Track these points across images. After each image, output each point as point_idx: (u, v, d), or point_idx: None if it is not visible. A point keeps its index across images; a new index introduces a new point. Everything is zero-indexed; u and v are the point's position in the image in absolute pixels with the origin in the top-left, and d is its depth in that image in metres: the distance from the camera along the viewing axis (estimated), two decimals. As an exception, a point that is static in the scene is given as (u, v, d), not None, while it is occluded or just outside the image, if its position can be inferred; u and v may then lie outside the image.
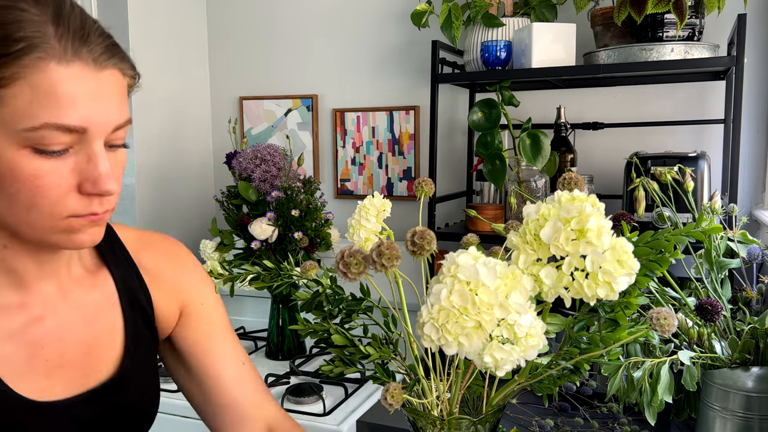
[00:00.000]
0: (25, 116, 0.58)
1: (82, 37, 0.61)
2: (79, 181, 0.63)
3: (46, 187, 0.61)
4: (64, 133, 0.60)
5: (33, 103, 0.58)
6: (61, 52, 0.59)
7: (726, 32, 1.66)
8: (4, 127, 0.59)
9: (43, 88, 0.58)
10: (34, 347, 0.71)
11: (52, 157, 0.61)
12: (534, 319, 0.59)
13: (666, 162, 1.45)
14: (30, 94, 0.58)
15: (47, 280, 0.73)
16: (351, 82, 2.14)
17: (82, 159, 0.62)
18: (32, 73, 0.58)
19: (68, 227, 0.64)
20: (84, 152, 0.62)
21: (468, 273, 0.57)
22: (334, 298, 0.74)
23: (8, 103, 0.58)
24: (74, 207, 0.63)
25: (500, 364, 0.58)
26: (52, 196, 0.62)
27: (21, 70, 0.58)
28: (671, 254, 0.68)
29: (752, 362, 1.00)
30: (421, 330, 0.59)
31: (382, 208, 0.78)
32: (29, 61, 0.58)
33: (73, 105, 0.60)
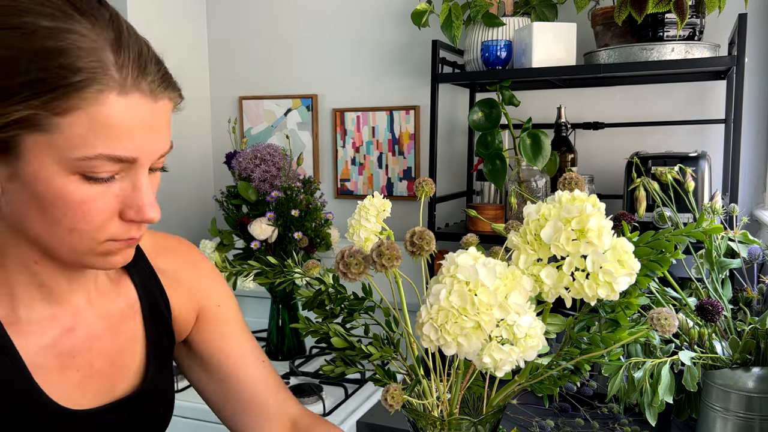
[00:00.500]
0: (82, 145, 0.58)
1: (141, 67, 0.61)
2: (122, 208, 0.64)
3: (92, 213, 0.62)
4: (115, 162, 0.61)
5: (90, 133, 0.58)
6: (120, 83, 0.59)
7: (727, 32, 1.65)
8: (57, 153, 0.58)
9: (100, 120, 0.58)
10: (66, 357, 0.72)
11: (100, 183, 0.61)
12: (533, 319, 0.59)
13: (666, 162, 1.45)
14: (87, 125, 0.58)
15: (77, 293, 0.74)
16: (351, 82, 2.14)
17: (127, 186, 0.63)
18: (91, 105, 0.58)
19: (105, 250, 0.65)
20: (129, 180, 0.63)
21: (467, 273, 0.57)
22: (336, 296, 0.74)
23: (63, 131, 0.57)
24: (115, 232, 0.64)
25: (499, 364, 0.58)
26: (96, 222, 0.62)
27: (80, 102, 0.57)
28: (672, 254, 0.68)
29: (753, 362, 1.00)
30: (420, 330, 0.59)
31: (382, 208, 0.78)
32: (89, 94, 0.57)
33: (129, 137, 0.60)
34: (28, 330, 0.70)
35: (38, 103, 0.56)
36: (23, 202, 0.61)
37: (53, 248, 0.65)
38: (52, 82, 0.56)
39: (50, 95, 0.56)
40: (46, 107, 0.56)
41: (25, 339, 0.69)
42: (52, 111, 0.56)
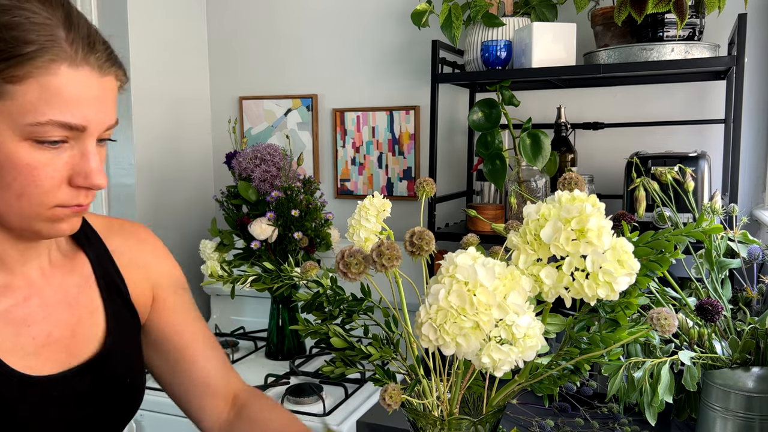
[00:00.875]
0: (32, 111, 0.63)
1: (90, 44, 0.66)
2: (71, 175, 0.68)
3: (41, 177, 0.66)
4: (65, 129, 0.65)
5: (41, 101, 0.63)
6: (71, 56, 0.64)
7: (726, 32, 1.65)
8: (10, 119, 0.63)
9: (52, 88, 0.64)
10: (21, 326, 0.74)
11: (50, 148, 0.65)
12: (532, 319, 0.59)
13: (666, 162, 1.45)
14: (39, 92, 0.63)
15: (30, 265, 0.76)
16: (351, 82, 2.14)
17: (76, 154, 0.67)
18: (43, 74, 0.63)
19: (53, 216, 0.68)
20: (78, 148, 0.68)
21: (466, 273, 0.57)
22: (334, 298, 0.74)
23: (17, 98, 0.63)
24: (63, 198, 0.68)
25: (498, 364, 0.58)
26: (44, 186, 0.66)
27: (33, 70, 0.63)
28: (671, 254, 0.68)
29: (753, 362, 1.00)
30: (419, 330, 0.59)
31: (382, 208, 0.78)
32: (42, 63, 0.63)
33: (78, 106, 0.65)
34: None
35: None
36: None
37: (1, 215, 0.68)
38: (7, 52, 0.62)
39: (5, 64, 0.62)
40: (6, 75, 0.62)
41: None
42: (6, 79, 0.62)
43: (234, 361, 1.83)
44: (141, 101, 2.04)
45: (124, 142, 2.06)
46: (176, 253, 2.34)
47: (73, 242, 0.83)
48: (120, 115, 2.24)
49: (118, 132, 2.07)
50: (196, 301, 0.99)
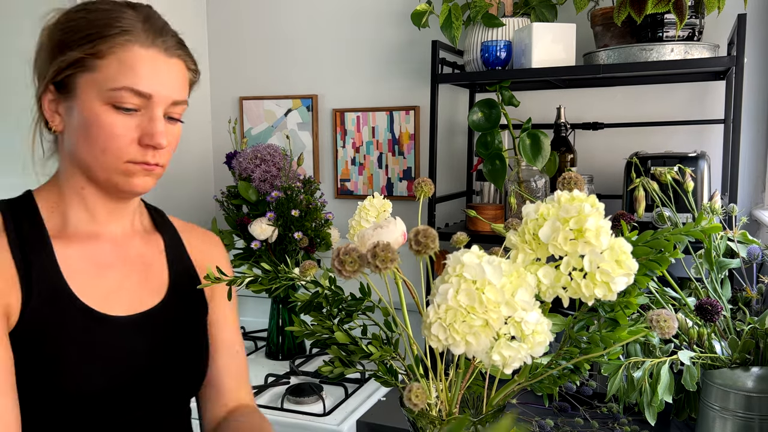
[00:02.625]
0: (112, 80, 0.81)
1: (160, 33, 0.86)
2: (140, 135, 0.84)
3: (117, 135, 0.82)
4: (135, 95, 0.82)
5: (119, 73, 0.82)
6: (143, 39, 0.83)
7: (726, 32, 1.65)
8: (96, 87, 0.82)
9: (127, 62, 0.82)
10: (102, 268, 0.89)
11: (125, 113, 0.83)
12: (540, 315, 0.59)
13: (666, 162, 1.45)
14: (117, 66, 0.82)
15: (115, 225, 0.91)
16: (351, 82, 2.14)
17: (145, 119, 0.84)
18: (121, 50, 0.82)
19: (126, 170, 0.84)
20: (147, 115, 0.84)
21: (474, 272, 0.57)
22: (333, 298, 0.74)
23: (101, 70, 0.82)
24: (134, 155, 0.84)
25: (509, 361, 0.58)
26: (119, 143, 0.83)
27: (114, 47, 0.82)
28: (671, 254, 0.68)
29: (752, 362, 1.00)
30: (428, 330, 0.59)
31: (382, 208, 0.78)
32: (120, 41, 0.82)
33: (146, 77, 0.83)
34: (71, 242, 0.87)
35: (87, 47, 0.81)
36: (75, 131, 0.84)
37: (91, 168, 0.85)
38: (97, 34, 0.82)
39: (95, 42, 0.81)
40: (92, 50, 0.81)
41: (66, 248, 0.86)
42: (95, 54, 0.81)
43: (234, 361, 1.83)
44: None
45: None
46: (176, 253, 2.32)
47: (152, 224, 0.99)
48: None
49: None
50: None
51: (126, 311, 0.89)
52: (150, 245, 0.96)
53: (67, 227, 0.88)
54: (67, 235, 0.87)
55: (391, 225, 0.70)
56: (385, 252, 0.60)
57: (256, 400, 1.56)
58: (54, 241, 0.85)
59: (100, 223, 0.90)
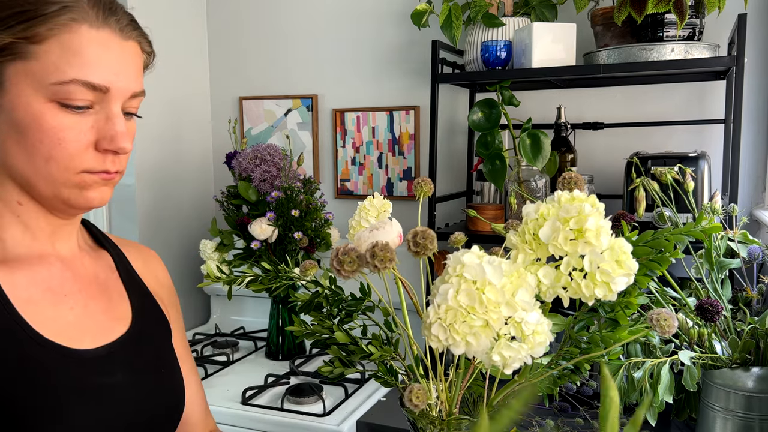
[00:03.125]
0: (55, 71, 0.64)
1: (111, 8, 0.68)
2: (97, 138, 0.68)
3: (66, 140, 0.66)
4: (88, 90, 0.66)
5: (62, 60, 0.64)
6: (92, 18, 0.66)
7: (726, 32, 1.65)
8: (34, 80, 0.65)
9: (73, 47, 0.65)
10: (59, 294, 0.73)
11: (75, 112, 0.66)
12: (540, 316, 0.59)
13: (666, 162, 1.45)
14: (60, 51, 0.65)
15: (60, 244, 0.75)
16: (351, 82, 2.14)
17: (102, 118, 0.68)
18: (64, 32, 0.65)
19: (81, 182, 0.68)
20: (103, 112, 0.68)
21: (474, 272, 0.57)
22: (333, 298, 0.74)
23: (40, 58, 0.64)
24: (89, 163, 0.68)
25: (509, 362, 0.58)
26: (70, 150, 0.66)
27: (54, 28, 0.64)
28: (671, 254, 0.68)
29: (752, 362, 1.00)
30: (428, 331, 0.59)
31: (382, 208, 0.78)
32: (63, 21, 0.64)
33: (100, 66, 0.66)
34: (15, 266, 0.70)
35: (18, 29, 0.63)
36: (5, 134, 0.66)
37: (32, 181, 0.68)
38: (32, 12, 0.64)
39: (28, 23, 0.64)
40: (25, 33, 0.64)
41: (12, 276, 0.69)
42: (30, 39, 0.64)
43: (234, 361, 1.83)
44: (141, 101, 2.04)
45: (124, 142, 2.05)
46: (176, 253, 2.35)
47: (94, 241, 0.84)
48: (120, 115, 2.21)
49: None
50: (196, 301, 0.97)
51: (95, 343, 0.74)
52: (100, 263, 0.81)
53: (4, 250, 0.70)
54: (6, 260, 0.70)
55: (387, 226, 0.70)
56: (383, 252, 0.60)
57: (256, 400, 1.57)
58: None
59: (42, 242, 0.73)
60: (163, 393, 0.81)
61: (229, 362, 1.82)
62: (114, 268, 0.83)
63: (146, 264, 0.89)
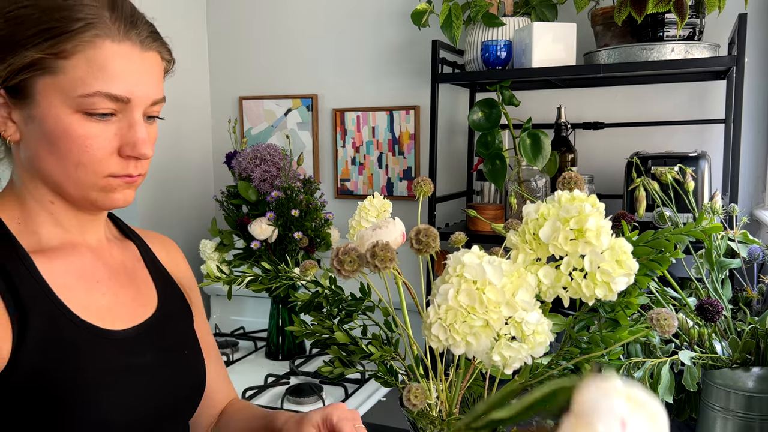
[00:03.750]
0: (81, 84, 0.70)
1: (132, 22, 0.73)
2: (120, 145, 0.74)
3: (93, 147, 0.72)
4: (111, 101, 0.71)
5: (88, 74, 0.70)
6: (114, 32, 0.71)
7: (726, 32, 1.65)
8: (62, 93, 0.70)
9: (98, 62, 0.70)
10: (90, 281, 0.79)
11: (100, 120, 0.72)
12: (540, 315, 0.59)
13: (666, 162, 1.45)
14: (86, 66, 0.70)
15: (88, 236, 0.82)
16: (351, 82, 2.14)
17: (124, 126, 0.73)
18: (89, 48, 0.70)
19: (107, 185, 0.75)
20: (126, 120, 0.74)
21: (474, 272, 0.57)
22: (333, 298, 0.74)
23: (67, 72, 0.70)
24: (114, 168, 0.74)
25: (509, 362, 0.58)
26: (97, 156, 0.72)
27: (80, 44, 0.69)
28: (671, 254, 0.68)
29: (753, 362, 1.00)
30: (428, 331, 0.59)
31: (382, 208, 0.78)
32: (87, 38, 0.69)
33: (122, 78, 0.72)
34: (52, 256, 0.77)
35: (46, 46, 0.68)
36: (37, 143, 0.73)
37: (63, 185, 0.74)
38: (58, 30, 0.69)
39: (57, 40, 0.69)
40: (53, 50, 0.69)
41: (50, 265, 0.76)
42: (57, 55, 0.69)
43: (234, 361, 1.83)
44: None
45: (124, 142, 2.05)
46: (176, 253, 2.32)
47: (119, 232, 0.91)
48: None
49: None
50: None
51: (125, 325, 0.80)
52: (127, 253, 0.88)
53: (41, 242, 0.77)
54: (43, 251, 0.76)
55: (390, 225, 0.70)
56: (384, 252, 0.60)
57: (256, 400, 1.56)
58: (33, 257, 0.74)
59: (73, 235, 0.80)
60: (187, 372, 0.87)
61: (229, 362, 1.82)
62: (140, 258, 0.90)
63: (168, 253, 0.96)
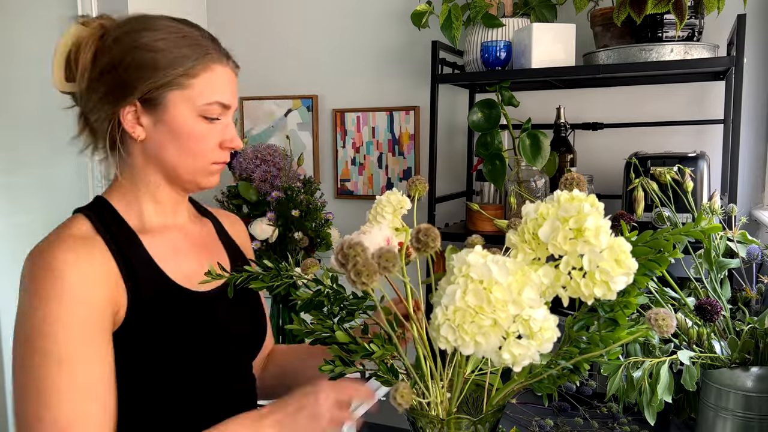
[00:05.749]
0: (204, 96, 0.94)
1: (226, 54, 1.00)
2: (221, 140, 0.97)
3: (206, 141, 0.95)
4: (221, 108, 0.96)
5: (207, 88, 0.94)
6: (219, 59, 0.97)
7: (725, 32, 1.66)
8: (189, 102, 0.93)
9: (213, 80, 0.95)
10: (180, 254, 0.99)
11: (210, 123, 0.95)
12: (547, 312, 0.59)
13: (665, 162, 1.45)
14: (205, 83, 0.94)
15: (178, 215, 1.03)
16: (351, 82, 2.15)
17: (224, 126, 0.97)
18: (207, 70, 0.94)
19: (210, 170, 0.97)
20: (224, 122, 0.97)
21: (480, 272, 0.57)
22: (335, 297, 0.74)
23: (194, 87, 0.93)
24: (216, 156, 0.97)
25: (519, 359, 0.58)
26: (209, 147, 0.96)
27: (202, 67, 0.94)
28: (670, 254, 0.68)
29: (752, 362, 1.00)
30: (436, 332, 0.59)
31: (399, 205, 0.76)
32: (207, 62, 0.94)
33: (226, 91, 0.97)
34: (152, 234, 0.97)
35: (180, 69, 0.92)
36: (163, 140, 0.94)
37: (178, 170, 0.96)
38: (188, 58, 0.93)
39: (187, 65, 0.92)
40: (185, 71, 0.92)
41: (152, 240, 0.96)
42: (188, 75, 0.92)
43: (234, 361, 1.83)
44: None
45: (124, 142, 2.06)
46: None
47: (197, 212, 1.11)
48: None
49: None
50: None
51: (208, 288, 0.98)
52: (205, 230, 1.08)
53: (144, 222, 0.97)
54: (146, 230, 0.96)
55: (374, 230, 0.70)
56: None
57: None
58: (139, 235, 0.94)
59: (167, 215, 1.00)
60: (256, 325, 1.07)
61: (229, 362, 1.82)
62: (215, 233, 1.10)
63: (234, 227, 1.16)
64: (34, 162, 2.25)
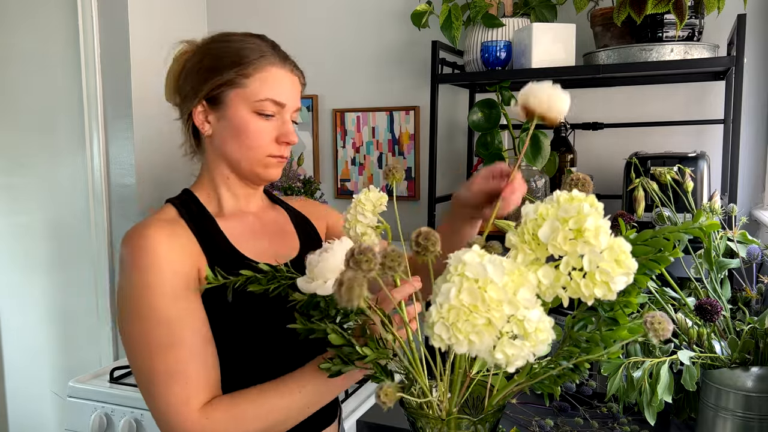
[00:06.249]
0: (257, 94, 1.04)
1: (285, 57, 1.09)
2: (277, 135, 1.06)
3: (262, 136, 1.05)
4: (274, 105, 1.05)
5: (262, 87, 1.04)
6: (276, 61, 1.06)
7: (726, 32, 1.66)
8: (246, 100, 1.04)
9: (268, 80, 1.05)
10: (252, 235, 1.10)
11: (266, 119, 1.05)
12: (542, 313, 0.59)
13: (666, 162, 1.45)
14: (260, 82, 1.04)
15: (252, 203, 1.14)
16: (351, 82, 2.15)
17: (279, 123, 1.06)
18: (262, 71, 1.04)
19: (267, 162, 1.07)
20: (281, 119, 1.06)
21: (476, 271, 0.57)
22: (331, 298, 0.74)
23: (249, 86, 1.03)
24: (272, 150, 1.06)
25: (512, 360, 0.58)
26: (264, 141, 1.05)
27: (258, 68, 1.04)
28: (670, 253, 0.68)
29: (752, 362, 1.00)
30: (430, 330, 0.59)
31: (378, 202, 0.77)
32: (262, 64, 1.04)
33: (280, 90, 1.06)
34: (229, 219, 1.09)
35: (238, 70, 1.03)
36: (226, 135, 1.06)
37: (239, 162, 1.06)
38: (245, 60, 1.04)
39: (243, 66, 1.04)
40: (241, 72, 1.03)
41: (227, 224, 1.08)
42: (244, 75, 1.04)
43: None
44: (141, 101, 2.05)
45: (123, 142, 2.06)
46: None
47: (269, 200, 1.21)
48: (120, 114, 2.22)
49: (118, 131, 2.07)
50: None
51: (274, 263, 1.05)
52: (279, 215, 1.20)
53: (222, 209, 1.10)
54: (223, 215, 1.09)
55: (335, 246, 0.71)
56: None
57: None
58: (217, 219, 1.08)
59: (241, 203, 1.12)
60: None
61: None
62: (288, 219, 1.20)
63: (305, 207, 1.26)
64: (34, 162, 2.25)
